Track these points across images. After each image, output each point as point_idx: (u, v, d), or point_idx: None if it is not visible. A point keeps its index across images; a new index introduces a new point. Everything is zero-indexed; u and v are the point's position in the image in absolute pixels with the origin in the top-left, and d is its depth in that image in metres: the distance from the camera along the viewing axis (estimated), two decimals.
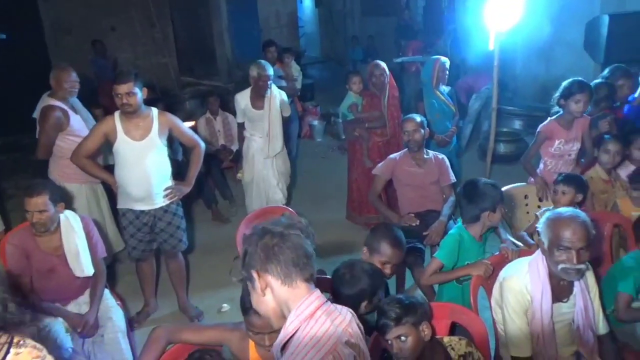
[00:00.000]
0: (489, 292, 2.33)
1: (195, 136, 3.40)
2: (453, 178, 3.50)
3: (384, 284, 2.22)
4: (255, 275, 1.34)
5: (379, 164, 3.61)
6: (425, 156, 3.49)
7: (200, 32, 10.85)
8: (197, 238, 4.65)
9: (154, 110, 3.15)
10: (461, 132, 6.13)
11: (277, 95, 4.14)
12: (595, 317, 2.12)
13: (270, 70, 4.00)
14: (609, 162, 3.23)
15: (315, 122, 7.85)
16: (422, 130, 3.42)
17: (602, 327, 2.14)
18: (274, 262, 1.32)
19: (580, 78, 3.39)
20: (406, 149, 3.54)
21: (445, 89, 4.57)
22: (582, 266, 1.94)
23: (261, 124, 4.12)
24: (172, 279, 3.54)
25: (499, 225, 2.67)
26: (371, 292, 2.00)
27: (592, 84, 3.56)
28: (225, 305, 3.60)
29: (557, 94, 3.40)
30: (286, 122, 4.74)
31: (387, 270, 2.30)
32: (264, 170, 4.23)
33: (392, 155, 3.58)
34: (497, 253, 2.56)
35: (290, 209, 3.20)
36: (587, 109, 3.51)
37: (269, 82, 3.99)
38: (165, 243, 3.33)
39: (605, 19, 4.96)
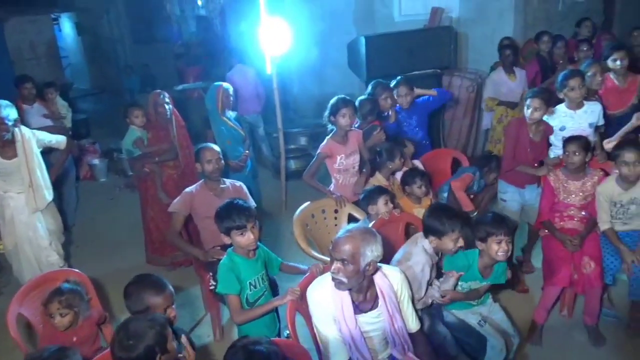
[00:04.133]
0: (305, 315, 2.34)
1: None
2: (253, 203, 3.46)
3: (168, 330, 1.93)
4: None
5: (175, 200, 3.38)
6: (222, 185, 3.40)
7: None
8: None
9: None
10: None
11: (30, 137, 3.52)
12: (407, 319, 2.26)
13: (5, 112, 3.36)
14: (397, 167, 3.58)
15: (96, 161, 7.10)
16: (222, 159, 3.35)
17: (413, 327, 2.29)
18: None
19: (342, 95, 3.70)
20: (202, 181, 3.40)
21: (231, 114, 4.55)
22: (338, 277, 2.03)
23: (18, 176, 3.47)
24: None
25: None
26: (161, 343, 1.79)
27: (357, 99, 3.94)
28: None
29: (327, 112, 3.66)
30: (60, 163, 4.13)
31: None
32: (29, 231, 3.57)
33: (187, 189, 3.39)
34: (307, 274, 2.58)
35: (76, 270, 2.75)
36: (357, 123, 3.88)
37: (6, 126, 3.35)
38: None
39: (362, 40, 5.56)
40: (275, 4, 5.62)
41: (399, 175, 3.69)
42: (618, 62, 4.00)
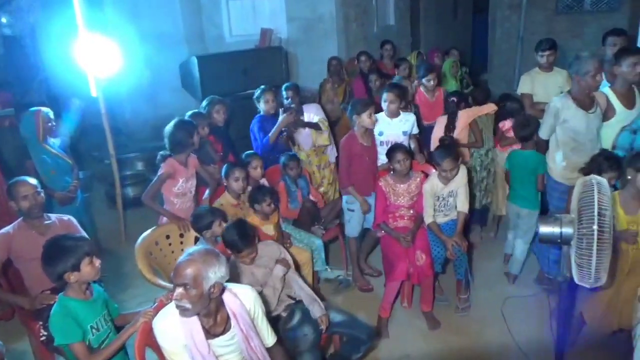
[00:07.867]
0: (155, 349, 2.20)
1: None
2: (86, 236, 3.16)
3: None
4: None
5: None
6: (46, 222, 3.04)
7: None
8: None
9: None
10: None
11: None
12: (263, 336, 2.26)
13: None
14: (240, 188, 3.55)
15: None
16: (41, 193, 3.00)
17: (270, 342, 2.30)
18: None
19: (180, 117, 3.61)
20: (20, 219, 3.01)
21: (55, 141, 4.09)
22: (182, 303, 1.94)
23: None
24: None
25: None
26: None
27: (187, 114, 3.89)
28: None
29: (166, 139, 3.48)
30: None
31: None
32: None
33: (2, 230, 2.97)
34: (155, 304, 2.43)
35: None
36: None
37: None
38: None
39: (194, 60, 5.50)
40: (96, 23, 5.24)
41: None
42: (431, 82, 4.88)
